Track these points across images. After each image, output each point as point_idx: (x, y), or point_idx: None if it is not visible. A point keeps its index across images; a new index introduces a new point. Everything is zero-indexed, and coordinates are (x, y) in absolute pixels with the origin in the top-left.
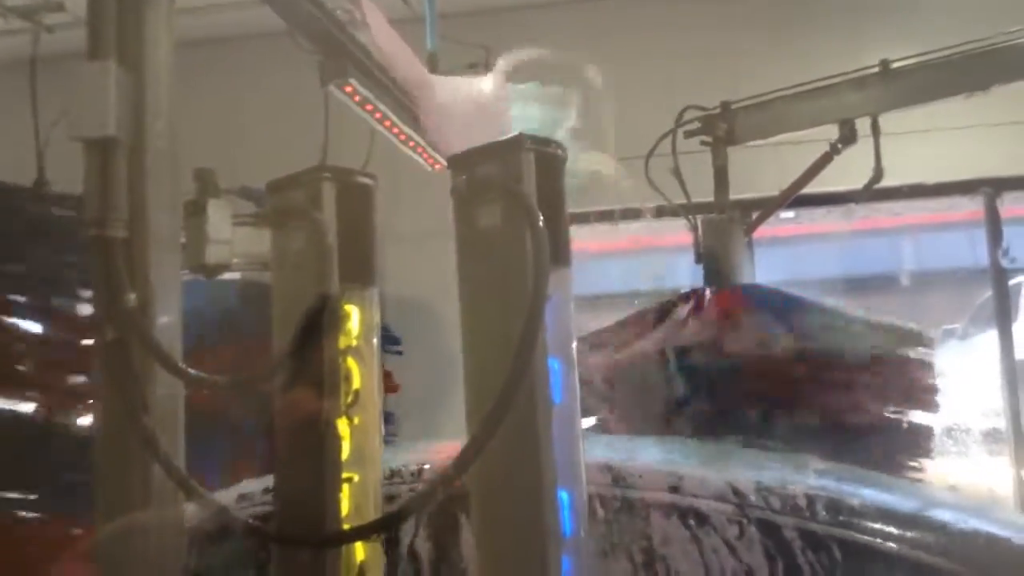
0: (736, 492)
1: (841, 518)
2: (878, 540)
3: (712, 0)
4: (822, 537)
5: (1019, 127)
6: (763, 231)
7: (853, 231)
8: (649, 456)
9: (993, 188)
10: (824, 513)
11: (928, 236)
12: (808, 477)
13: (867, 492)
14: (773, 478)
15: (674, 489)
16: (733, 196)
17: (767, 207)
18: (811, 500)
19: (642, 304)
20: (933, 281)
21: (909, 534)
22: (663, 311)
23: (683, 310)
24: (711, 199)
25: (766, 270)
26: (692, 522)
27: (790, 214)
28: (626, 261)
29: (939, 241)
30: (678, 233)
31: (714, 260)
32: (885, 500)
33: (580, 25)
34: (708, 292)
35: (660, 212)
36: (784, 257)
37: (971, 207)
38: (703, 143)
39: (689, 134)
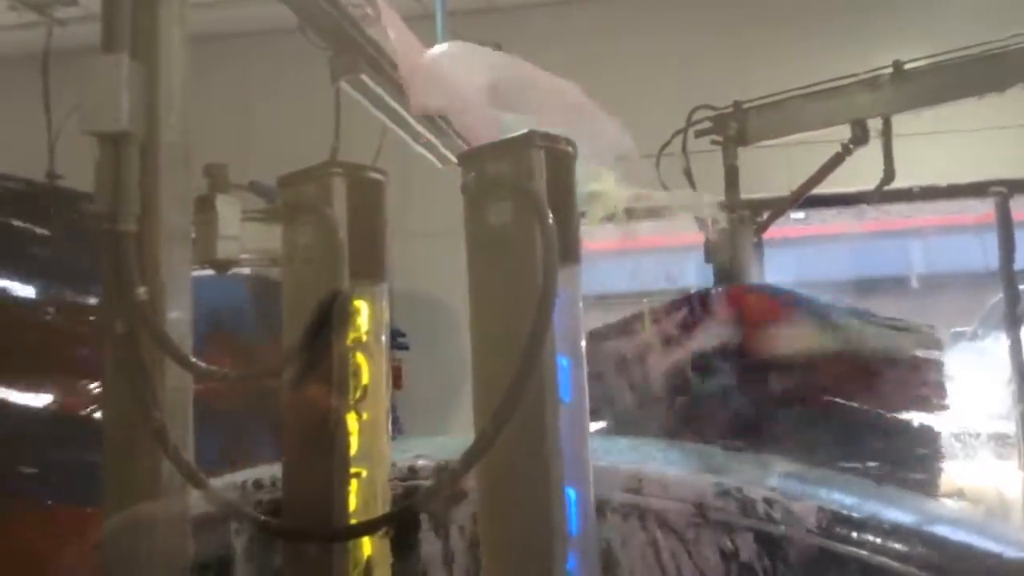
0: (696, 494)
1: (799, 521)
2: (835, 543)
3: (723, 1)
4: (778, 540)
5: None
6: (773, 231)
7: (864, 232)
8: (614, 457)
9: (1005, 190)
10: (780, 516)
11: (939, 238)
12: (771, 479)
13: (828, 495)
14: (734, 480)
15: (633, 491)
16: (743, 196)
17: (778, 207)
18: (769, 503)
19: (651, 303)
20: (944, 283)
21: (868, 538)
22: (669, 311)
23: (690, 311)
24: (721, 199)
25: (776, 271)
26: (650, 524)
27: (800, 215)
28: (635, 260)
29: (950, 243)
30: (688, 232)
31: (724, 260)
32: (846, 503)
33: (591, 24)
34: (717, 292)
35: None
36: (794, 258)
37: (982, 209)
38: (714, 143)
39: (700, 133)
